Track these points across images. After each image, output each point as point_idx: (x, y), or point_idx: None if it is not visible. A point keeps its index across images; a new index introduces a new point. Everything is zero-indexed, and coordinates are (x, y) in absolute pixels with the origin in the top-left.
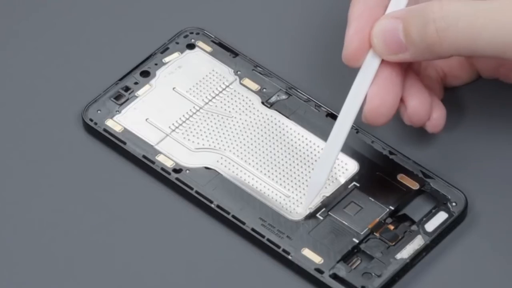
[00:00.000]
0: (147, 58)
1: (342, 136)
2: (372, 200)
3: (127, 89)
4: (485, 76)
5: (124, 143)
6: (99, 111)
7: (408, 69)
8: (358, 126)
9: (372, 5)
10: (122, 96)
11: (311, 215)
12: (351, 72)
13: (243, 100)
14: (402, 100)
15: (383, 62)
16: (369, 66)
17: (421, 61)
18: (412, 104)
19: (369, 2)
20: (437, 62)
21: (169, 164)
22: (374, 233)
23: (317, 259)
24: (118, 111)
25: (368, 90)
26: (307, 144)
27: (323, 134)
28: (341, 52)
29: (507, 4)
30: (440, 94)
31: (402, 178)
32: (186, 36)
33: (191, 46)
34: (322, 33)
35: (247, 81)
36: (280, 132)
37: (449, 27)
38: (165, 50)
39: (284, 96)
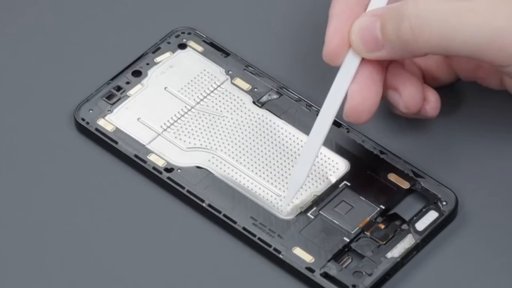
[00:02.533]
0: (139, 58)
1: (323, 134)
2: (363, 199)
3: (119, 88)
4: (464, 78)
5: (116, 142)
6: (91, 111)
7: (392, 62)
8: (349, 126)
9: (352, 3)
10: (114, 95)
11: (302, 214)
12: None
13: (235, 100)
14: (395, 89)
15: (363, 60)
16: (350, 64)
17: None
18: (406, 91)
19: (350, 1)
20: (415, 61)
21: (160, 163)
22: (365, 232)
23: (308, 258)
24: (110, 110)
25: (348, 88)
26: (298, 144)
27: None
28: None
29: (482, 5)
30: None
31: (393, 177)
32: (177, 36)
33: (182, 46)
34: (313, 33)
35: (238, 81)
36: (271, 131)
37: (423, 25)
38: (156, 49)
39: (275, 96)
